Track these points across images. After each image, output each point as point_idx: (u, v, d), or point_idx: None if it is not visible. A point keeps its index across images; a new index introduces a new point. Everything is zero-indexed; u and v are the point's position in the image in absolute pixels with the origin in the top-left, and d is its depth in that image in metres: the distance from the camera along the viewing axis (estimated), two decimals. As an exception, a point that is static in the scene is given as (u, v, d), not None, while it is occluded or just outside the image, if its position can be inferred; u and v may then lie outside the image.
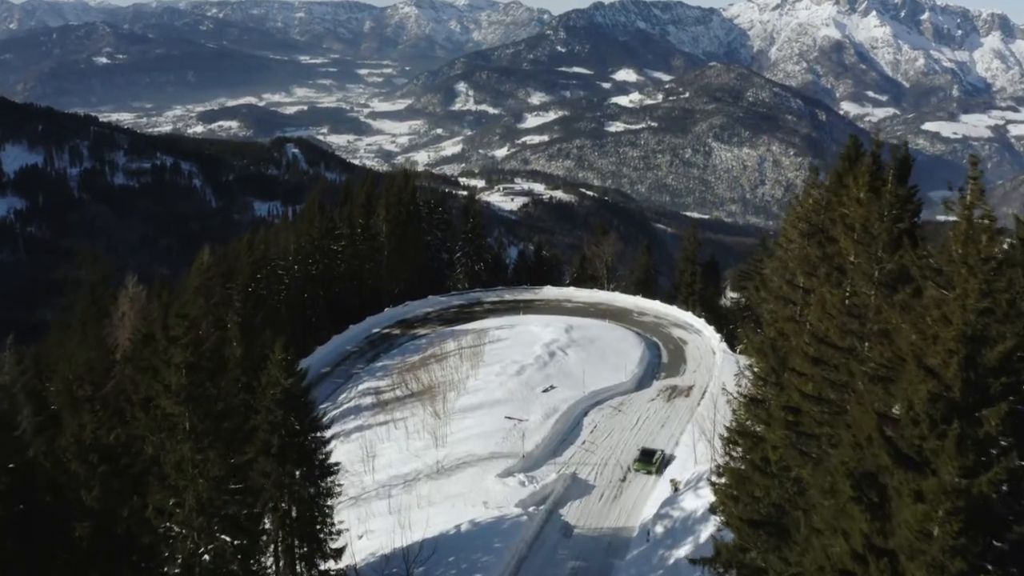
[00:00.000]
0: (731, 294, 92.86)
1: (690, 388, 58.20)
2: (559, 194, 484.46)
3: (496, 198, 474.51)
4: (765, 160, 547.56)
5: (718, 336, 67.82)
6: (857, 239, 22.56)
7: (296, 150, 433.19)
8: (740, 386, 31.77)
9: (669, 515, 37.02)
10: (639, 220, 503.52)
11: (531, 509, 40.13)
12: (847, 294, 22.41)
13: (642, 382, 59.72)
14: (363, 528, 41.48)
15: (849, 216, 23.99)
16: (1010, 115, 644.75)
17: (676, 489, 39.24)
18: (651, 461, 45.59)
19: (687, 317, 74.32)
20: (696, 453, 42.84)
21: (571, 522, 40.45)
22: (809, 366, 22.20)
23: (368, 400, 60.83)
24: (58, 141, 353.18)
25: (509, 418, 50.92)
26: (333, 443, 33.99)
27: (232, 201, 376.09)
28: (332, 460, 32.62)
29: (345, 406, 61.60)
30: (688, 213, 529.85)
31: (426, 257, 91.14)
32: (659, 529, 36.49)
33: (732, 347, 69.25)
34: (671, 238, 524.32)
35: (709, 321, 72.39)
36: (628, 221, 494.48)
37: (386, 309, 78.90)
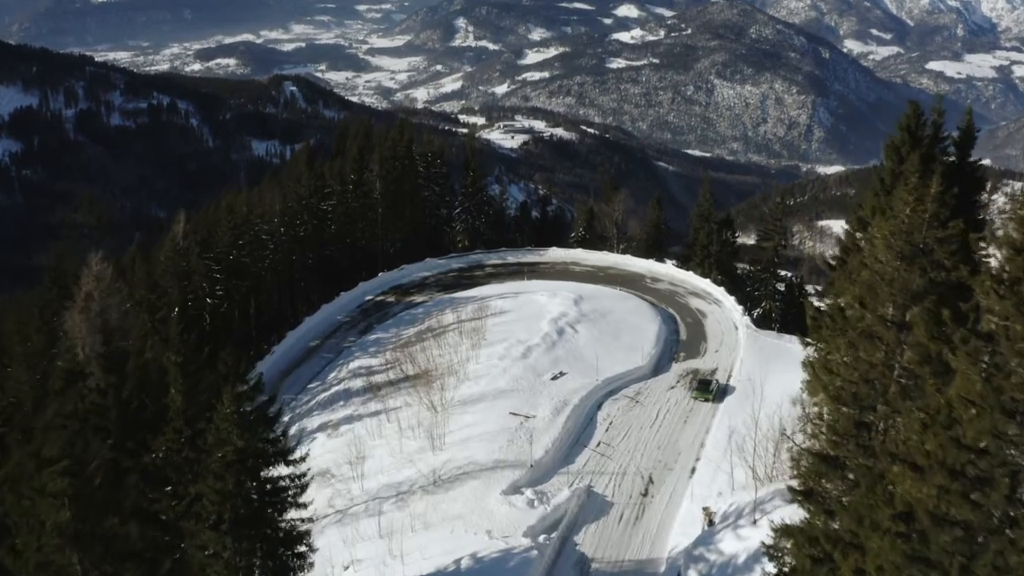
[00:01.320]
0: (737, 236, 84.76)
1: (713, 373, 51.85)
2: (560, 131, 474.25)
3: (496, 136, 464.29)
4: (767, 98, 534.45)
5: (740, 308, 61.15)
6: (1002, 292, 15.58)
7: (294, 88, 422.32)
8: (805, 431, 25.28)
9: (705, 558, 30.89)
10: (640, 158, 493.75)
11: (541, 539, 34.07)
12: (993, 372, 15.52)
13: (660, 365, 53.23)
14: (349, 556, 35.53)
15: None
16: (1015, 55, 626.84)
17: (711, 522, 33.02)
18: (708, 390, 48.23)
19: (705, 285, 67.59)
20: (731, 475, 36.48)
21: (587, 553, 34.45)
22: (938, 474, 15.43)
23: (359, 383, 54.50)
24: (53, 82, 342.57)
25: (514, 414, 44.64)
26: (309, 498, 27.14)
27: (230, 140, 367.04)
28: (304, 532, 25.84)
29: (334, 388, 55.34)
30: (690, 151, 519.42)
31: (423, 214, 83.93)
32: (693, 575, 30.37)
33: (754, 319, 62.91)
34: (673, 176, 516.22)
35: (729, 290, 65.71)
36: (629, 159, 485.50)
37: (380, 274, 72.14)
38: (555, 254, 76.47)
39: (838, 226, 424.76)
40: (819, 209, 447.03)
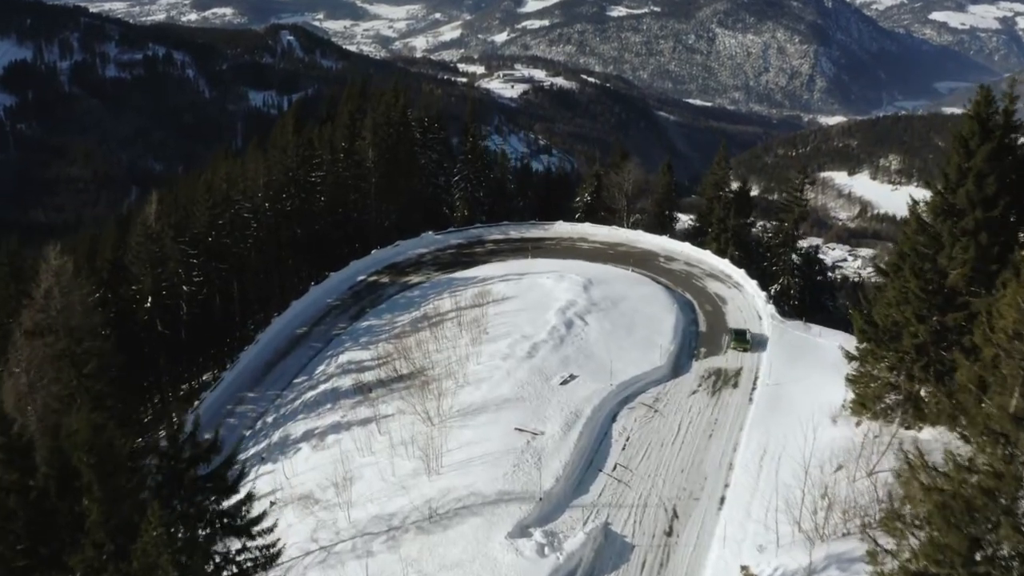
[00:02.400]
0: (734, 185, 78.18)
1: (738, 373, 46.29)
2: (560, 81, 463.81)
3: (496, 85, 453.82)
4: (769, 47, 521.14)
5: (763, 295, 55.31)
6: None
7: (291, 37, 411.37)
8: (890, 528, 19.66)
9: (752, 641, 25.48)
10: (641, 108, 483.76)
11: (554, 598, 28.68)
12: None
13: (679, 364, 47.55)
14: (332, 611, 30.23)
15: None
16: (1019, 7, 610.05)
17: (754, 588, 27.61)
18: (745, 339, 49.27)
19: (723, 266, 61.67)
20: (770, 526, 30.93)
21: (607, 616, 29.09)
22: None
23: (348, 382, 48.90)
24: (48, 34, 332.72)
25: (520, 431, 39.10)
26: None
27: (226, 91, 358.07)
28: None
29: (322, 387, 49.70)
30: (691, 100, 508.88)
31: (420, 182, 77.56)
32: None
33: (772, 295, 57.31)
34: (674, 126, 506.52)
35: (749, 271, 59.91)
36: (630, 108, 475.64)
37: (373, 252, 66.17)
38: (561, 229, 70.34)
39: (840, 177, 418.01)
40: (821, 160, 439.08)
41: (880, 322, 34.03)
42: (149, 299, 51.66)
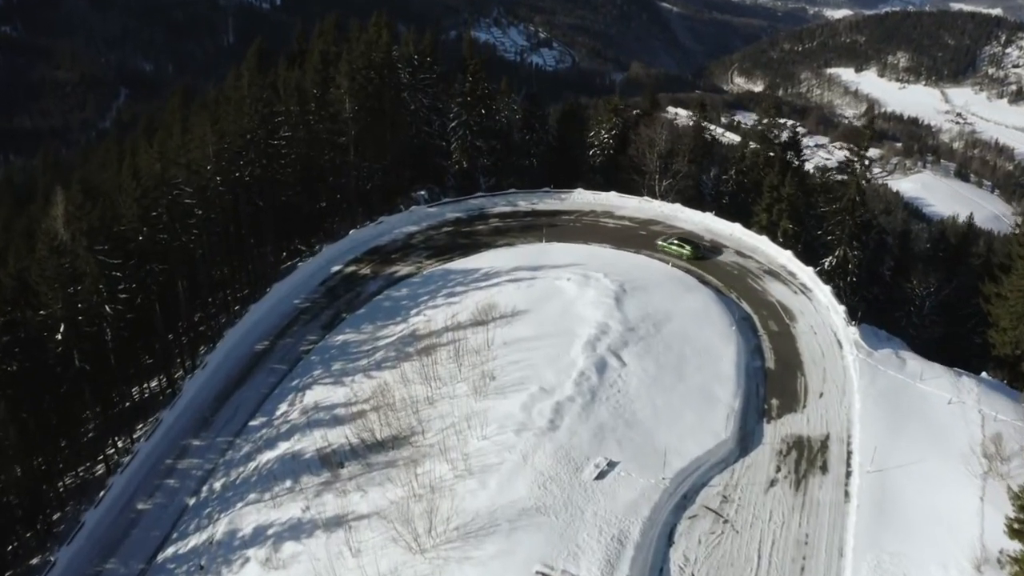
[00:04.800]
0: (738, 80, 64.21)
1: (824, 445, 33.93)
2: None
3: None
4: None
5: (840, 308, 41.83)
6: None
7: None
8: None
9: None
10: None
11: None
12: None
13: (746, 428, 34.87)
14: None
15: None
16: None
17: None
18: (698, 252, 46.41)
19: (784, 259, 48.18)
20: None
21: None
22: None
23: (314, 443, 36.22)
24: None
25: (543, 574, 26.49)
26: None
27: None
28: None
29: (282, 446, 37.22)
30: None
31: (410, 132, 62.71)
32: None
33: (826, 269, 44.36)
34: (677, 18, 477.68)
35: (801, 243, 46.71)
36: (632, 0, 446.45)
37: (351, 232, 52.27)
38: (580, 199, 56.02)
39: (847, 74, 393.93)
40: (827, 56, 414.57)
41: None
42: (62, 327, 38.21)
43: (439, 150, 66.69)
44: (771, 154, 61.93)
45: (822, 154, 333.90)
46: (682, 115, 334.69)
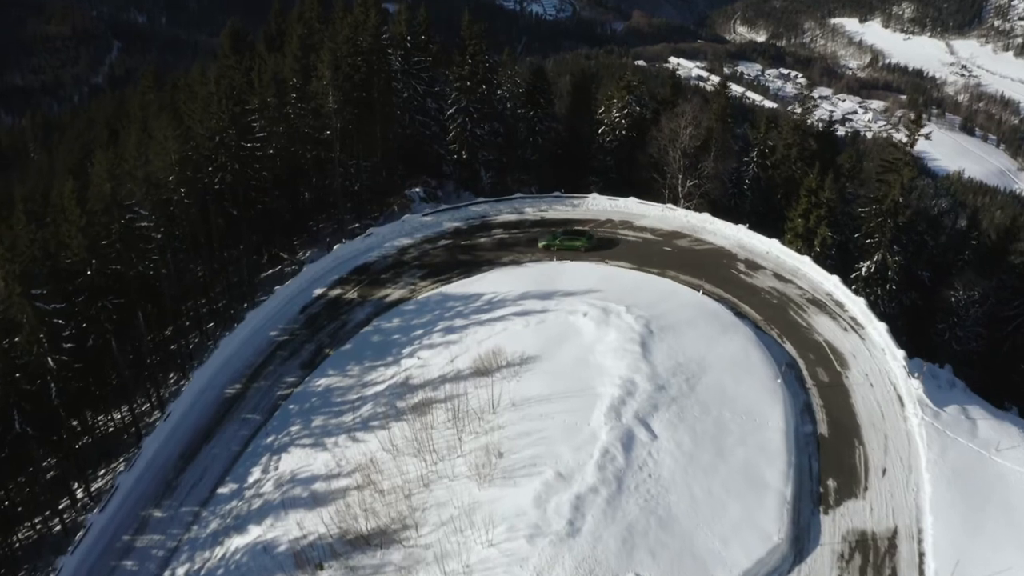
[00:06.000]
0: (741, 29, 57.16)
1: (892, 544, 28.27)
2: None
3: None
4: None
5: (900, 354, 35.44)
6: None
7: None
8: None
9: None
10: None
11: None
12: None
13: (800, 526, 29.00)
14: None
15: None
16: None
17: None
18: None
19: (829, 285, 41.59)
20: None
21: None
22: None
23: (286, 535, 30.05)
24: None
25: None
26: None
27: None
28: None
29: (251, 534, 31.15)
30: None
31: (403, 122, 55.50)
32: None
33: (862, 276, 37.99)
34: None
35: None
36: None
37: (336, 248, 45.45)
38: (595, 205, 49.12)
39: (851, 24, 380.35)
40: (831, 6, 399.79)
41: None
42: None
43: (436, 138, 59.45)
44: (804, 147, 54.84)
45: (826, 106, 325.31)
46: (685, 65, 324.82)
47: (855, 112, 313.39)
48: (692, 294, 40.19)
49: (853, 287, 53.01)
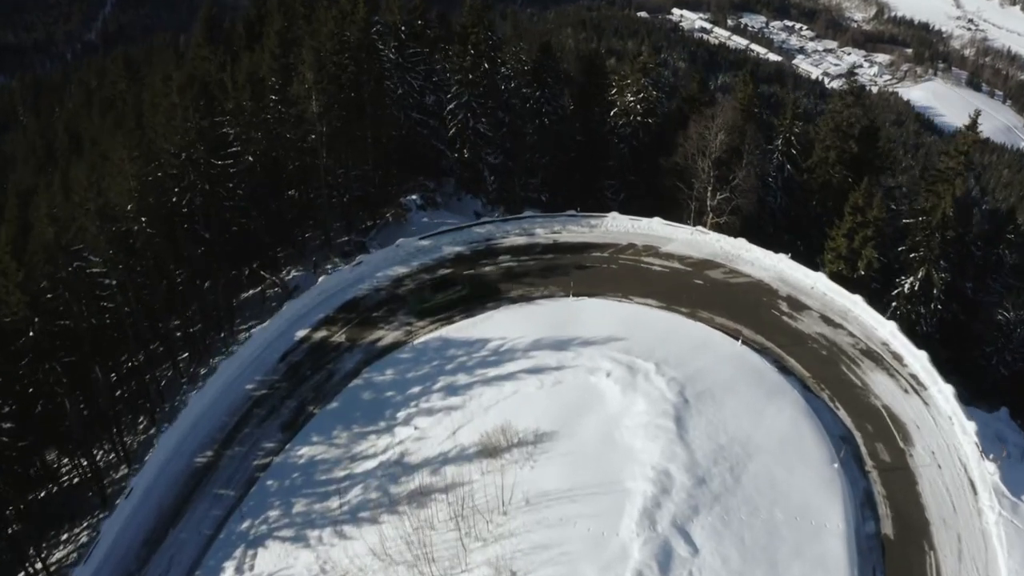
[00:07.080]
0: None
1: None
2: None
3: None
4: None
5: (970, 425, 30.11)
6: None
7: None
8: None
9: None
10: None
11: None
12: None
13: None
14: None
15: None
16: None
17: None
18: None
19: (884, 332, 35.99)
20: None
21: None
22: None
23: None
24: None
25: None
26: None
27: None
28: None
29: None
30: None
31: (396, 122, 49.19)
32: None
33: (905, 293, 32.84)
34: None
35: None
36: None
37: (321, 280, 39.71)
38: (616, 226, 43.02)
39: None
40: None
41: None
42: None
43: (435, 134, 53.13)
44: (844, 149, 48.63)
45: (831, 59, 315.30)
46: (688, 16, 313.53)
47: (860, 66, 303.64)
48: (730, 344, 34.61)
49: (894, 304, 47.98)
